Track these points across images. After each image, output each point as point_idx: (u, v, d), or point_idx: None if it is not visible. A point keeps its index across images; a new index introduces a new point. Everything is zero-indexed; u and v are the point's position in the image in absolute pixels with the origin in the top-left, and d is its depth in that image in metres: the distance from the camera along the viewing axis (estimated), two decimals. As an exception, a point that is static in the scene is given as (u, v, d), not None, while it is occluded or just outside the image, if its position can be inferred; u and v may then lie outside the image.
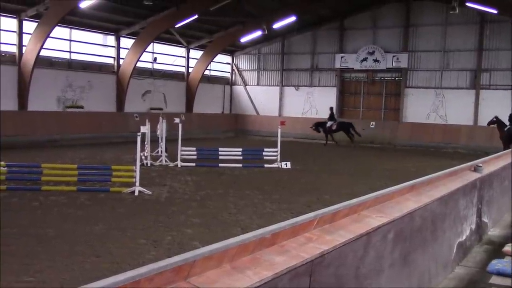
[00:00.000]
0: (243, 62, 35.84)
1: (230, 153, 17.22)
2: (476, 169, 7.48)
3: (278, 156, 16.86)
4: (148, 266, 2.06)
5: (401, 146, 28.36)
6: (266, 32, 29.76)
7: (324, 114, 31.67)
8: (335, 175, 15.86)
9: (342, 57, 31.69)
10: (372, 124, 30.36)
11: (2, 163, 12.58)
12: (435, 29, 28.95)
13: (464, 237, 6.80)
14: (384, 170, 17.26)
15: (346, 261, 3.16)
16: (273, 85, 34.63)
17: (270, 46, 34.54)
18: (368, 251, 3.49)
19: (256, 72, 35.33)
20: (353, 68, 31.45)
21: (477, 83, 27.93)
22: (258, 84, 35.27)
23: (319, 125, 27.72)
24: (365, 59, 30.95)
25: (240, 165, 16.44)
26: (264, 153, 17.34)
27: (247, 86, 35.55)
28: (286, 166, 16.73)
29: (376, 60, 30.55)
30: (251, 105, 35.22)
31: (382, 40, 30.59)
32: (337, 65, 31.86)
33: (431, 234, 5.16)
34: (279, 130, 17.14)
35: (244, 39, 31.48)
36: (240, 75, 35.73)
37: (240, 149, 17.68)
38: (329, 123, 27.45)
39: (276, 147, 17.00)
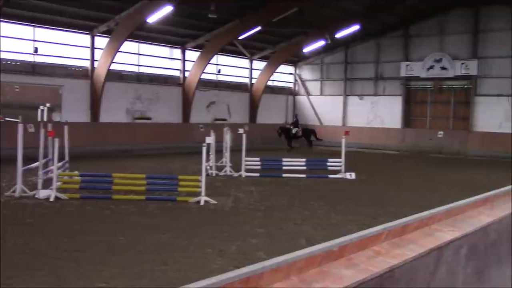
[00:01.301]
0: (306, 72, 35.80)
1: (294, 164, 17.20)
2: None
3: (343, 167, 16.65)
4: (217, 277, 2.08)
5: (471, 156, 27.26)
6: (329, 42, 29.61)
7: (390, 124, 31.09)
8: (402, 186, 15.47)
9: (407, 65, 30.98)
10: (440, 134, 29.40)
11: (76, 172, 13.22)
12: (506, 35, 27.70)
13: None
14: (453, 182, 16.65)
15: (416, 277, 3.08)
16: (337, 95, 34.33)
17: (333, 56, 34.32)
18: (440, 267, 3.38)
19: (319, 82, 35.17)
20: (419, 77, 30.66)
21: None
22: (321, 94, 35.09)
23: (283, 131, 27.68)
24: (431, 67, 30.10)
25: (304, 175, 16.37)
26: (328, 164, 17.20)
27: (310, 96, 35.45)
28: (351, 176, 16.49)
29: (443, 68, 29.64)
30: (314, 115, 35.06)
31: (449, 47, 29.65)
32: (402, 74, 31.17)
33: (507, 250, 4.92)
34: (343, 140, 16.94)
35: (307, 49, 31.46)
36: (303, 85, 35.68)
37: (304, 160, 17.62)
38: (294, 130, 27.58)
39: (340, 157, 16.80)
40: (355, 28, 28.66)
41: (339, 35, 29.32)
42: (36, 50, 22.25)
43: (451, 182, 16.44)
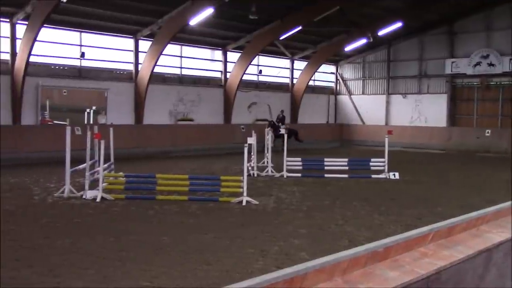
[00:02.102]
0: (348, 71, 35.44)
1: (336, 164, 17.05)
2: None
3: (386, 166, 16.39)
4: (261, 277, 2.08)
5: (521, 155, 26.32)
6: (371, 40, 29.21)
7: (435, 122, 30.43)
8: (447, 186, 15.10)
9: (452, 62, 30.22)
10: (488, 132, 28.51)
11: (121, 173, 13.51)
12: (559, 28, 26.64)
13: None
14: (502, 182, 16.08)
15: (465, 279, 2.99)
16: (379, 94, 33.85)
17: (375, 54, 33.85)
18: (489, 269, 3.27)
19: (361, 81, 34.75)
20: (465, 74, 29.86)
21: None
22: (363, 93, 34.67)
23: (272, 127, 24.48)
24: (478, 64, 29.26)
25: (346, 175, 16.20)
26: (371, 163, 16.97)
27: (352, 96, 35.07)
28: (395, 176, 16.21)
29: (491, 64, 28.75)
30: (357, 114, 34.66)
31: (497, 43, 28.74)
32: (447, 71, 30.43)
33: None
34: (386, 140, 16.65)
35: (349, 48, 31.15)
36: (345, 84, 35.34)
37: (346, 159, 17.45)
38: (282, 129, 24.71)
39: (384, 157, 16.55)
40: (397, 25, 28.19)
41: (381, 33, 28.90)
42: (83, 54, 22.90)
43: (500, 182, 15.90)
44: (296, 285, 2.19)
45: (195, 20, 22.44)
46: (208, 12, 21.79)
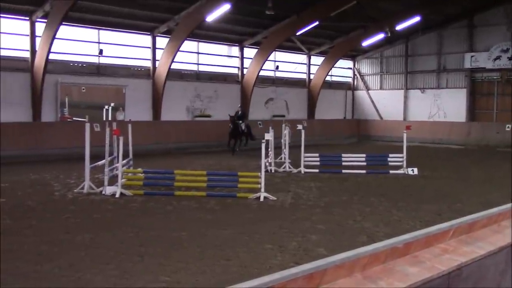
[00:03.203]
0: (365, 67, 35.20)
1: (354, 159, 16.97)
2: None
3: (404, 162, 16.26)
4: (281, 272, 2.09)
5: (542, 150, 25.89)
6: (389, 35, 28.95)
7: (454, 117, 30.11)
8: (466, 182, 14.93)
9: (472, 56, 29.83)
10: (508, 127, 28.08)
11: (140, 169, 13.62)
12: None
13: None
14: (523, 177, 15.86)
15: (486, 275, 2.96)
16: (397, 89, 33.56)
17: (393, 49, 33.56)
18: (511, 265, 3.23)
19: (379, 76, 34.49)
20: (485, 68, 29.47)
21: None
22: (381, 88, 34.42)
23: (232, 124, 21.88)
24: (498, 57, 28.85)
25: (364, 171, 16.11)
26: (389, 159, 16.84)
27: (369, 91, 34.83)
28: (413, 172, 16.07)
29: (511, 58, 28.30)
30: (374, 109, 34.44)
31: (518, 36, 28.28)
32: (467, 65, 30.06)
33: None
34: (405, 135, 16.50)
35: (366, 43, 30.92)
36: (362, 79, 35.12)
37: (364, 155, 17.35)
38: (243, 125, 22.50)
39: (402, 152, 16.42)
40: (415, 19, 27.89)
41: (399, 27, 28.62)
42: (101, 52, 23.10)
43: (521, 178, 15.67)
44: (316, 281, 2.20)
45: (212, 16, 22.47)
46: (225, 8, 21.79)
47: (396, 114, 33.12)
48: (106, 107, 24.17)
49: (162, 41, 24.60)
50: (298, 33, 27.37)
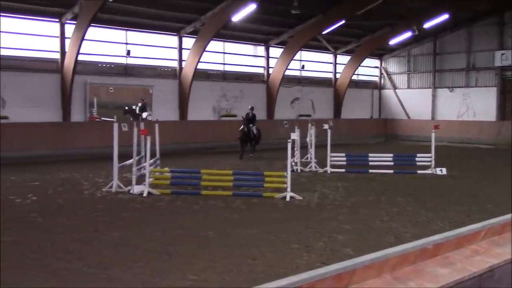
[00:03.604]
0: (392, 65, 34.79)
1: (381, 159, 16.81)
2: None
3: (433, 162, 16.03)
4: (309, 272, 2.09)
5: None
6: (417, 33, 28.56)
7: (483, 116, 29.57)
8: (497, 182, 14.63)
9: (502, 54, 29.19)
10: (540, 126, 27.47)
11: (167, 168, 13.75)
12: None
13: None
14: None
15: (518, 277, 2.90)
16: (425, 88, 33.09)
17: (420, 47, 33.09)
18: (544, 267, 3.16)
19: (406, 74, 34.06)
20: (515, 66, 28.82)
21: None
22: (408, 87, 33.98)
23: (244, 129, 20.30)
24: (529, 55, 28.17)
25: (391, 171, 15.94)
26: (417, 159, 16.63)
27: (396, 90, 34.43)
28: (442, 172, 15.83)
29: (543, 55, 27.66)
30: (401, 109, 34.02)
31: (550, 33, 27.60)
32: (497, 63, 29.43)
33: None
34: (433, 135, 16.27)
35: (393, 42, 30.56)
36: (389, 78, 34.73)
37: (391, 155, 17.18)
38: (254, 130, 20.85)
39: (430, 152, 16.19)
40: (444, 17, 27.45)
41: (427, 25, 28.19)
42: (128, 52, 23.38)
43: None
44: (344, 281, 2.19)
45: (237, 16, 22.51)
46: (250, 8, 21.81)
47: (424, 113, 32.65)
48: (134, 107, 24.47)
49: (188, 42, 24.75)
50: (324, 32, 27.21)
